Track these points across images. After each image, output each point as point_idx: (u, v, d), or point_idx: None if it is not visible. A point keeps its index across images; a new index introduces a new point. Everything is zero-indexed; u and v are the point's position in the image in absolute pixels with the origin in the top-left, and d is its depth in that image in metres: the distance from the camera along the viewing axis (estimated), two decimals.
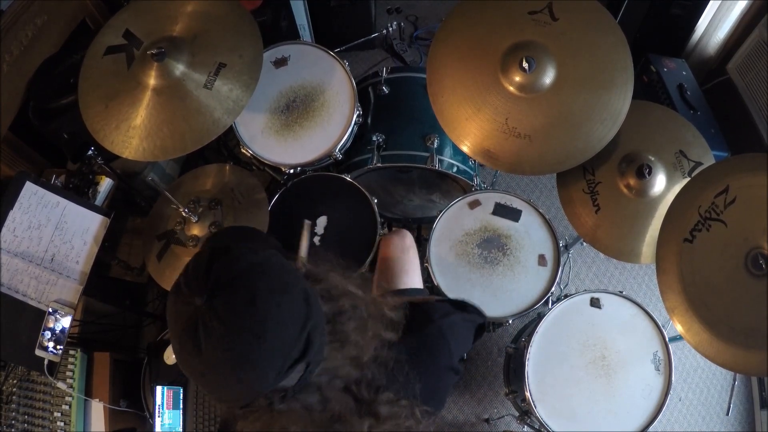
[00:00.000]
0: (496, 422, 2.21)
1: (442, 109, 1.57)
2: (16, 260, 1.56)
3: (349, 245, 1.71)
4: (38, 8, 1.98)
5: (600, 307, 1.65)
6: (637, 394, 1.54)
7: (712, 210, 1.31)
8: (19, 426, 1.64)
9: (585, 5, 1.53)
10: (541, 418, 1.54)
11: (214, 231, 1.65)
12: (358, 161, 1.89)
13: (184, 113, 1.53)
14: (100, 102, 1.57)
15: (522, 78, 1.48)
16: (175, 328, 0.63)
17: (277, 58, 1.92)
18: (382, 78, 1.95)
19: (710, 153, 1.63)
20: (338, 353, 0.70)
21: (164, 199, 1.70)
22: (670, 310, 1.34)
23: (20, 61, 1.95)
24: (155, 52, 1.50)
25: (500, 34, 1.54)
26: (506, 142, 1.50)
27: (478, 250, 1.74)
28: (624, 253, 1.60)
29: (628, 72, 1.49)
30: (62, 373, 1.67)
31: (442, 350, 0.88)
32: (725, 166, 1.37)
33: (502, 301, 1.67)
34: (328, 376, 0.70)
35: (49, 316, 1.54)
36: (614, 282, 2.49)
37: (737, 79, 2.35)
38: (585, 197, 1.64)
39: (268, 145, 1.83)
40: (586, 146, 1.49)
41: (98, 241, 1.68)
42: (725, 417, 2.23)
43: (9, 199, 1.59)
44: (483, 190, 1.85)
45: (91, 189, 1.95)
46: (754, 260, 1.21)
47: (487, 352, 2.35)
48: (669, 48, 2.52)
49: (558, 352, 1.61)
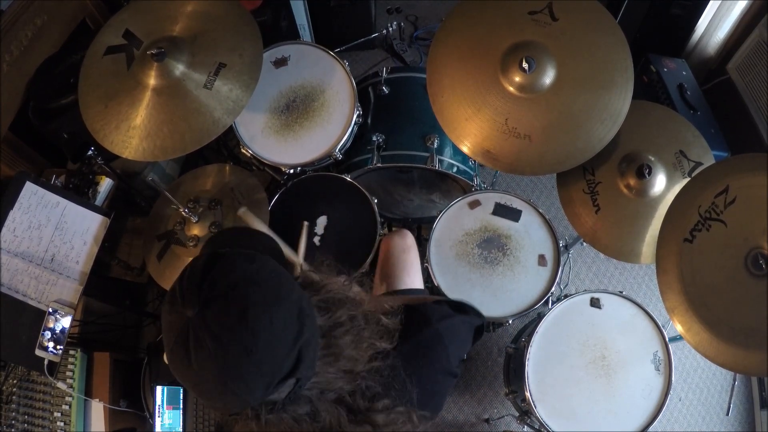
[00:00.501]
0: (496, 422, 2.21)
1: (442, 109, 1.57)
2: (16, 260, 1.56)
3: (349, 245, 1.71)
4: (38, 8, 1.98)
5: (600, 307, 1.65)
6: (637, 394, 1.54)
7: (712, 210, 1.31)
8: (19, 426, 1.64)
9: (585, 5, 1.53)
10: (541, 418, 1.54)
11: (213, 232, 1.66)
12: (358, 161, 1.89)
13: (184, 113, 1.53)
14: (100, 102, 1.57)
15: (522, 78, 1.48)
16: (168, 337, 0.63)
17: (277, 58, 1.92)
18: (382, 78, 1.95)
19: (710, 153, 1.63)
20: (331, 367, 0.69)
21: (164, 199, 1.70)
22: (670, 310, 1.34)
23: (20, 61, 1.95)
24: (155, 52, 1.50)
25: (500, 34, 1.54)
26: (506, 142, 1.50)
27: (478, 250, 1.74)
28: (624, 253, 1.60)
29: (628, 72, 1.49)
30: (62, 373, 1.67)
31: (440, 355, 0.87)
32: (725, 166, 1.37)
33: (502, 301, 1.67)
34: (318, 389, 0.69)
35: (49, 316, 1.54)
36: (614, 282, 2.49)
37: (737, 79, 2.35)
38: (585, 197, 1.64)
39: (268, 145, 1.83)
40: (586, 146, 1.49)
41: (98, 241, 1.68)
42: (725, 417, 2.23)
43: (9, 199, 1.59)
44: (483, 190, 1.85)
45: (91, 189, 1.95)
46: (754, 260, 1.21)
47: (487, 352, 2.35)
48: (669, 48, 2.52)
49: (558, 352, 1.61)
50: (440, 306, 0.94)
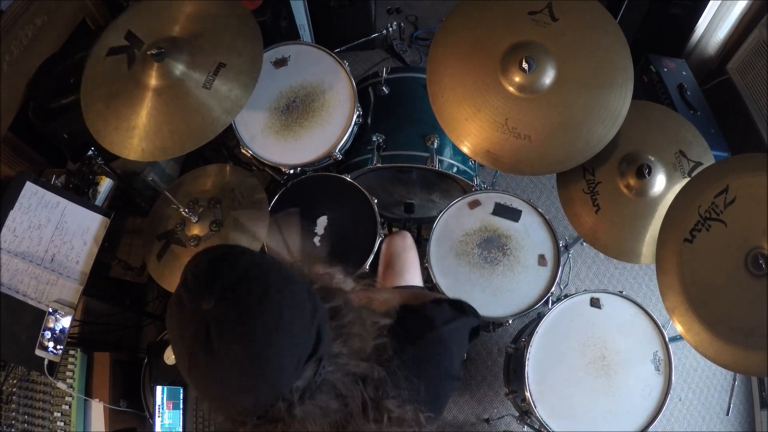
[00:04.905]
0: (496, 422, 2.21)
1: (442, 109, 1.57)
2: (16, 260, 1.56)
3: (350, 245, 1.71)
4: (38, 8, 1.98)
5: (600, 307, 1.65)
6: (637, 394, 1.54)
7: (712, 210, 1.31)
8: (19, 426, 1.64)
9: (585, 5, 1.53)
10: (541, 418, 1.54)
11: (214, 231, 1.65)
12: (358, 161, 1.89)
13: (184, 113, 1.53)
14: (102, 102, 1.57)
15: (522, 78, 1.48)
16: (182, 343, 0.61)
17: (277, 58, 1.92)
18: (382, 78, 1.95)
19: (710, 153, 1.63)
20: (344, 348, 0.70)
21: (164, 199, 1.70)
22: (670, 310, 1.34)
23: (20, 61, 1.95)
24: (155, 53, 1.50)
25: (500, 34, 1.54)
26: (506, 142, 1.50)
27: (478, 250, 1.74)
28: (624, 253, 1.60)
29: (628, 72, 1.49)
30: (62, 373, 1.67)
31: (445, 359, 0.87)
32: (725, 166, 1.37)
33: (502, 301, 1.67)
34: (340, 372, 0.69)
35: (49, 316, 1.54)
36: (614, 282, 2.49)
37: (737, 79, 2.35)
38: (585, 197, 1.64)
39: (268, 145, 1.83)
40: (586, 146, 1.49)
41: (98, 241, 1.68)
42: (725, 417, 2.23)
43: (9, 199, 1.59)
44: (483, 190, 1.85)
45: (91, 189, 1.95)
46: (754, 260, 1.21)
47: (487, 352, 2.35)
48: (669, 48, 2.52)
49: (558, 352, 1.61)
50: (441, 307, 0.94)
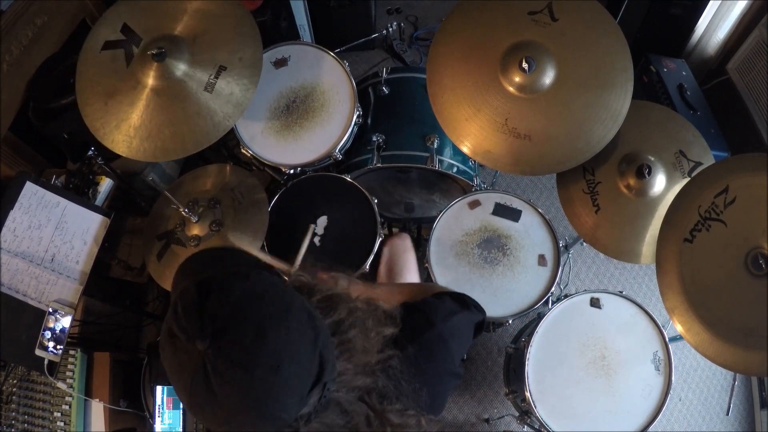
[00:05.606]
0: (496, 422, 2.21)
1: (442, 109, 1.57)
2: (16, 260, 1.56)
3: (350, 246, 1.71)
4: (38, 8, 1.98)
5: (600, 307, 1.65)
6: (637, 394, 1.54)
7: (712, 210, 1.31)
8: (19, 426, 1.64)
9: (585, 5, 1.53)
10: (541, 418, 1.54)
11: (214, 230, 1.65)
12: (358, 161, 1.89)
13: (185, 115, 1.53)
14: (99, 99, 1.55)
15: (522, 78, 1.48)
16: (180, 379, 0.59)
17: (277, 59, 1.92)
18: (382, 78, 1.95)
19: (710, 153, 1.63)
20: (349, 363, 0.68)
21: (164, 199, 1.70)
22: (670, 310, 1.34)
23: (20, 61, 1.94)
24: (156, 52, 1.49)
25: (500, 35, 1.54)
26: (506, 142, 1.50)
27: (478, 250, 1.74)
28: (624, 253, 1.60)
29: (628, 72, 1.49)
30: (62, 373, 1.67)
31: (444, 355, 0.87)
32: (725, 166, 1.37)
33: (502, 301, 1.67)
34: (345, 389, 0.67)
35: (49, 316, 1.54)
36: (614, 282, 2.49)
37: (737, 79, 2.35)
38: (585, 197, 1.64)
39: (268, 145, 1.83)
40: (586, 146, 1.49)
41: (98, 241, 1.68)
42: (725, 417, 2.23)
43: (9, 199, 1.59)
44: (483, 190, 1.85)
45: (91, 189, 1.95)
46: (754, 260, 1.21)
47: (487, 352, 2.35)
48: (669, 48, 2.51)
49: (558, 352, 1.61)
50: (442, 301, 0.93)
